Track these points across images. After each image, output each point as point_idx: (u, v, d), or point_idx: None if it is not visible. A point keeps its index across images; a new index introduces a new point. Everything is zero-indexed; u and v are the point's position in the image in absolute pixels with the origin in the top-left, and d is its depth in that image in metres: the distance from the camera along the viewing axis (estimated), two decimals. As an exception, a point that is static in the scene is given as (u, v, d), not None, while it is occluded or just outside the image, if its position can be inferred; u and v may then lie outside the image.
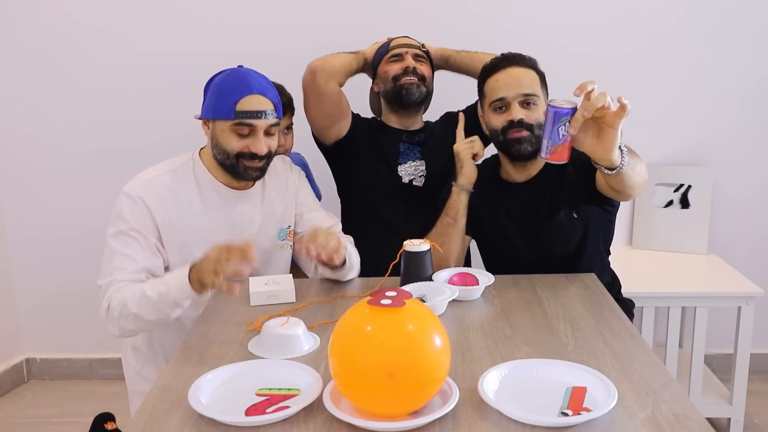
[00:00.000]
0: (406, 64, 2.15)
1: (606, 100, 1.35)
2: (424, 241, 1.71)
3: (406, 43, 2.21)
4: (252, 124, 1.70)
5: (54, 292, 2.89)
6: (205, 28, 2.66)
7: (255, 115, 1.69)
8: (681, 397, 1.18)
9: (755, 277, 2.48)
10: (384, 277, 1.73)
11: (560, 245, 1.86)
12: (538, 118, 1.81)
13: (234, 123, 1.69)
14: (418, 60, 2.18)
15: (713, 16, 2.63)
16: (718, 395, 2.51)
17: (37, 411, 2.78)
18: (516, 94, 1.82)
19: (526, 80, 1.84)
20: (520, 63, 1.86)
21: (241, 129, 1.70)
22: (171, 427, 1.13)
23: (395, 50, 2.19)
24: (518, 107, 1.83)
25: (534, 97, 1.83)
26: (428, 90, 2.20)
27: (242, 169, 1.74)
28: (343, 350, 1.10)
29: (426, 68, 2.20)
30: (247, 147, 1.71)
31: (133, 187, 1.72)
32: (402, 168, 2.19)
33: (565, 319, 1.52)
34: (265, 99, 1.71)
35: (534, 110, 1.83)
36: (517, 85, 1.83)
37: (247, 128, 1.70)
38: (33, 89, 2.74)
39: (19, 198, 2.84)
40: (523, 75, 1.85)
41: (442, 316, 1.55)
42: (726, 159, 2.73)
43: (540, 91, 1.85)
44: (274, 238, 1.89)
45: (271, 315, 1.55)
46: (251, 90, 1.69)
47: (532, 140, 1.82)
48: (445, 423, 1.11)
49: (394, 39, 2.23)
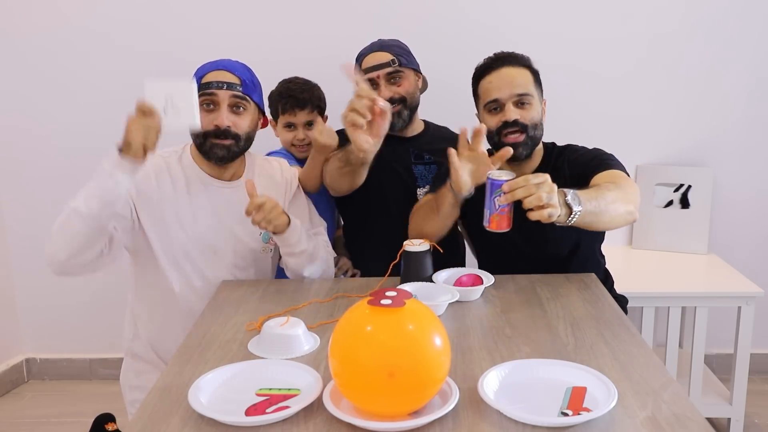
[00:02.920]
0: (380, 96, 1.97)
1: (528, 197, 1.42)
2: (424, 241, 1.71)
3: (375, 64, 2.05)
4: (214, 93, 1.72)
5: (54, 293, 2.89)
6: (205, 30, 2.66)
7: (216, 85, 1.72)
8: (681, 397, 1.18)
9: (755, 277, 2.48)
10: (384, 277, 1.73)
11: (554, 246, 1.86)
12: (533, 117, 1.82)
13: (199, 95, 1.68)
14: (392, 81, 2.06)
15: (714, 16, 2.63)
16: (718, 395, 2.51)
17: (36, 411, 2.78)
18: (509, 94, 1.81)
19: (519, 80, 1.82)
20: (512, 62, 1.85)
21: (205, 101, 1.72)
22: (171, 427, 1.13)
23: (367, 74, 2.04)
24: (512, 108, 1.82)
25: (528, 97, 1.82)
26: (414, 104, 2.11)
27: (209, 147, 1.75)
28: (343, 350, 1.10)
29: (405, 84, 2.08)
30: (212, 123, 1.73)
31: None
32: (421, 192, 2.13)
33: (565, 319, 1.52)
34: (230, 73, 1.74)
35: (528, 110, 1.82)
36: (510, 86, 1.82)
37: (210, 99, 1.73)
38: (34, 89, 2.74)
39: (19, 198, 2.84)
40: (515, 75, 1.83)
41: (442, 316, 1.55)
42: (726, 159, 2.73)
43: (534, 89, 1.84)
44: (258, 240, 1.88)
45: (270, 315, 1.55)
46: (217, 66, 1.75)
47: (527, 143, 1.82)
48: (445, 423, 1.11)
49: (364, 58, 2.08)
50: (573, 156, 1.89)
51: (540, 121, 1.85)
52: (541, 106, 1.87)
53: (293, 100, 2.17)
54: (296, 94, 2.17)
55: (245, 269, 1.87)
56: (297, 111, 2.17)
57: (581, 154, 1.88)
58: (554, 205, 1.43)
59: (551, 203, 1.42)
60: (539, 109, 1.85)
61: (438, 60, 2.38)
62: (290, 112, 2.17)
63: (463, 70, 2.40)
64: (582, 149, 1.91)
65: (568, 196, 1.49)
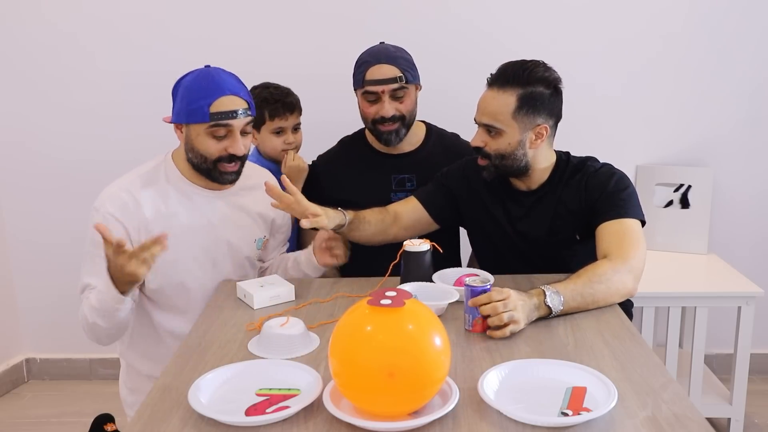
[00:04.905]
0: (383, 112, 2.00)
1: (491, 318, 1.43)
2: (424, 241, 1.71)
3: (382, 77, 1.99)
4: (229, 125, 1.68)
5: (54, 293, 2.89)
6: (202, 43, 2.65)
7: (230, 116, 1.67)
8: (681, 397, 1.18)
9: (755, 277, 2.47)
10: (384, 277, 1.73)
11: (555, 260, 1.84)
12: (499, 147, 1.75)
13: (210, 126, 1.66)
14: (396, 97, 2.01)
15: (715, 18, 2.62)
16: (718, 395, 2.51)
17: (37, 411, 2.77)
18: (479, 119, 1.78)
19: (493, 107, 1.74)
20: (500, 84, 1.74)
21: (217, 131, 1.67)
22: (171, 427, 1.13)
23: (371, 87, 2.00)
24: (481, 132, 1.78)
25: (495, 128, 1.74)
26: (411, 121, 2.08)
27: (218, 174, 1.72)
28: (343, 350, 1.10)
29: (407, 101, 2.03)
30: (224, 149, 1.69)
31: (102, 202, 1.70)
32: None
33: (565, 319, 1.52)
34: (238, 98, 1.69)
35: (497, 139, 1.75)
36: (483, 111, 1.76)
37: (224, 129, 1.68)
38: (35, 96, 2.74)
39: (19, 199, 2.84)
40: (492, 101, 1.74)
41: (441, 316, 1.55)
42: (726, 159, 2.73)
43: (509, 120, 1.72)
44: (253, 247, 1.87)
45: (271, 315, 1.55)
46: (223, 91, 1.67)
47: (491, 169, 1.79)
48: (445, 423, 1.11)
49: (369, 68, 2.01)
50: (593, 181, 1.79)
51: (512, 151, 1.75)
52: (529, 133, 1.75)
53: (283, 105, 2.15)
54: (283, 98, 2.16)
55: (245, 278, 1.86)
56: (288, 115, 2.16)
57: (601, 181, 1.78)
58: (516, 321, 1.42)
59: (513, 320, 1.42)
60: (514, 140, 1.74)
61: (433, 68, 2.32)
62: (281, 116, 2.15)
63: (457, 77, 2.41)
64: (602, 172, 1.80)
65: (547, 297, 1.49)
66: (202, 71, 1.72)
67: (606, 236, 1.70)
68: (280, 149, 2.18)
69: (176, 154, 1.79)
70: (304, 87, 2.27)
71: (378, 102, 2.02)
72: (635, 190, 1.81)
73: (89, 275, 1.68)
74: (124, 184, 1.73)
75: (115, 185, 1.74)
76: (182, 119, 1.70)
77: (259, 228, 1.88)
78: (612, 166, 1.85)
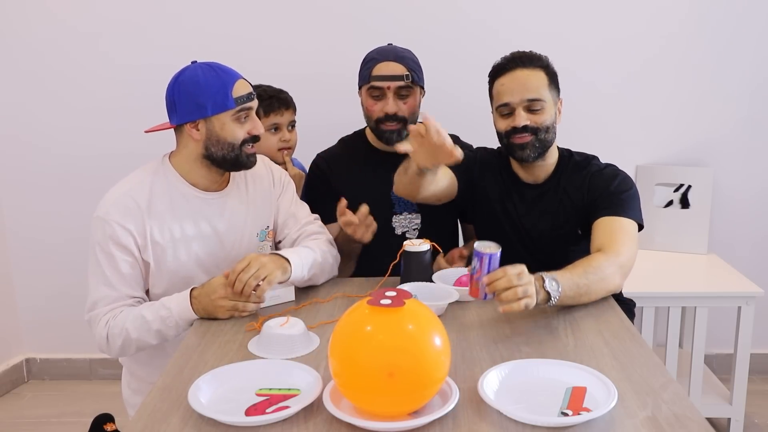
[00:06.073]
0: (386, 108, 2.00)
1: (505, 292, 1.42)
2: (424, 241, 1.71)
3: (389, 74, 1.99)
4: (251, 107, 1.72)
5: (54, 293, 2.89)
6: (203, 39, 2.65)
7: (250, 97, 1.72)
8: (681, 397, 1.18)
9: (755, 277, 2.48)
10: (384, 277, 1.73)
11: (560, 255, 1.84)
12: (545, 121, 1.78)
13: (236, 111, 1.68)
14: (401, 95, 2.01)
15: (715, 18, 2.63)
16: (718, 395, 2.51)
17: (37, 411, 2.77)
18: (520, 99, 1.78)
19: (531, 83, 1.78)
20: (527, 64, 1.79)
21: (242, 115, 1.70)
22: (171, 427, 1.13)
23: (377, 82, 1.99)
24: (522, 113, 1.78)
25: (539, 102, 1.77)
26: (413, 122, 2.04)
27: (245, 157, 1.73)
28: (343, 350, 1.10)
29: (411, 102, 2.02)
30: (249, 132, 1.72)
31: (107, 210, 1.67)
32: (396, 219, 2.10)
33: (565, 319, 1.52)
34: (247, 82, 1.73)
35: (540, 114, 1.78)
36: (522, 90, 1.78)
37: (247, 112, 1.71)
38: (35, 93, 2.74)
39: (19, 199, 2.83)
40: (528, 78, 1.78)
41: (442, 316, 1.55)
42: (726, 159, 2.73)
43: (547, 93, 1.79)
44: (255, 239, 1.86)
45: (271, 315, 1.55)
46: (237, 76, 1.71)
47: (535, 144, 1.79)
48: (445, 423, 1.11)
49: (376, 64, 2.01)
50: (597, 179, 1.83)
51: (552, 123, 1.81)
52: (556, 108, 1.83)
53: (278, 100, 2.15)
54: (277, 94, 2.17)
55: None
56: (283, 110, 2.16)
57: (604, 180, 1.82)
58: (530, 295, 1.41)
59: (527, 294, 1.41)
60: (552, 113, 1.81)
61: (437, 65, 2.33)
62: (276, 111, 2.15)
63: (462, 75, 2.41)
64: (607, 172, 1.84)
65: (545, 282, 1.48)
66: (200, 66, 1.71)
67: (601, 231, 1.73)
68: (277, 148, 2.17)
69: (174, 158, 1.77)
70: (304, 87, 2.27)
71: (383, 99, 2.02)
72: (638, 193, 1.82)
73: (101, 286, 1.66)
74: (125, 189, 1.71)
75: (117, 191, 1.71)
76: (202, 113, 1.67)
77: (261, 219, 1.86)
78: (617, 167, 1.87)
